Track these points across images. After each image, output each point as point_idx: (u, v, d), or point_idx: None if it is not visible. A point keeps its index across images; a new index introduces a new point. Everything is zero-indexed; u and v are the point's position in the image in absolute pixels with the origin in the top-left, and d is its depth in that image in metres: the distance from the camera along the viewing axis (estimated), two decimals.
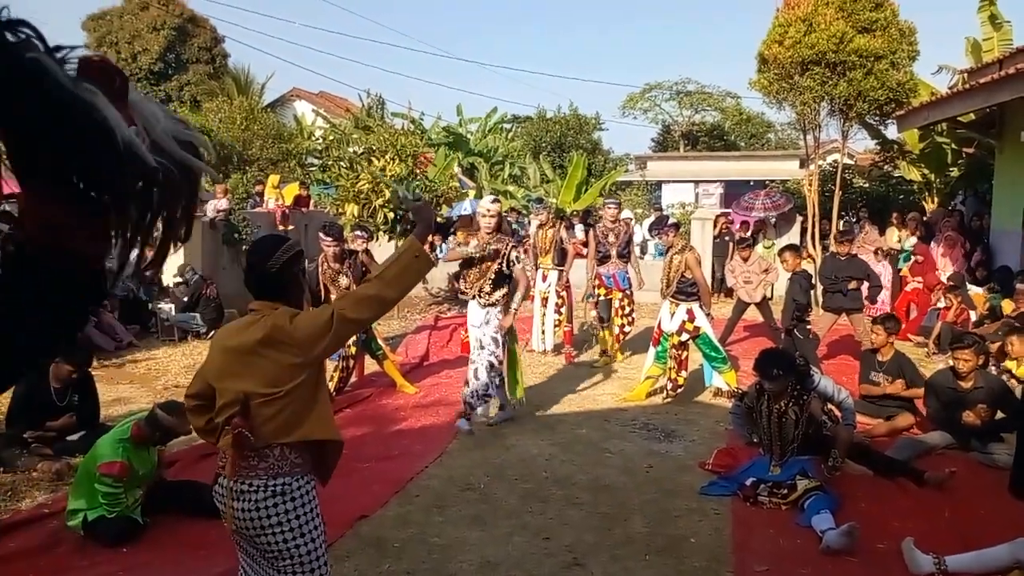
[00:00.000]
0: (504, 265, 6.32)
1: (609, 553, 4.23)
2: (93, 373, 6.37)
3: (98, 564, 4.09)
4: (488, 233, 6.34)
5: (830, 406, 5.42)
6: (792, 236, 14.37)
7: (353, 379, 7.76)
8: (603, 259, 8.95)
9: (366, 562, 4.11)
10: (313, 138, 22.89)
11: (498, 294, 6.36)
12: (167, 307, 10.35)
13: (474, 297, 6.39)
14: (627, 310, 8.95)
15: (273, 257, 2.62)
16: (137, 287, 10.75)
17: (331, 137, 18.48)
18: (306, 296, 3.57)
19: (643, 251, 13.94)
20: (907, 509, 4.80)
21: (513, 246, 6.45)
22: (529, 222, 13.39)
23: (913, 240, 11.83)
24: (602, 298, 8.98)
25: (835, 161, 16.49)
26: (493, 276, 6.32)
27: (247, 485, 2.52)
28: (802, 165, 21.29)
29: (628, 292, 8.91)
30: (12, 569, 4.00)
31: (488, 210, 6.40)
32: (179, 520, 4.56)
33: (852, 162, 21.67)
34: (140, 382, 7.88)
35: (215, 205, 12.50)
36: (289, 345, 2.49)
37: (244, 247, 11.52)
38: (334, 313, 2.51)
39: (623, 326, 9.05)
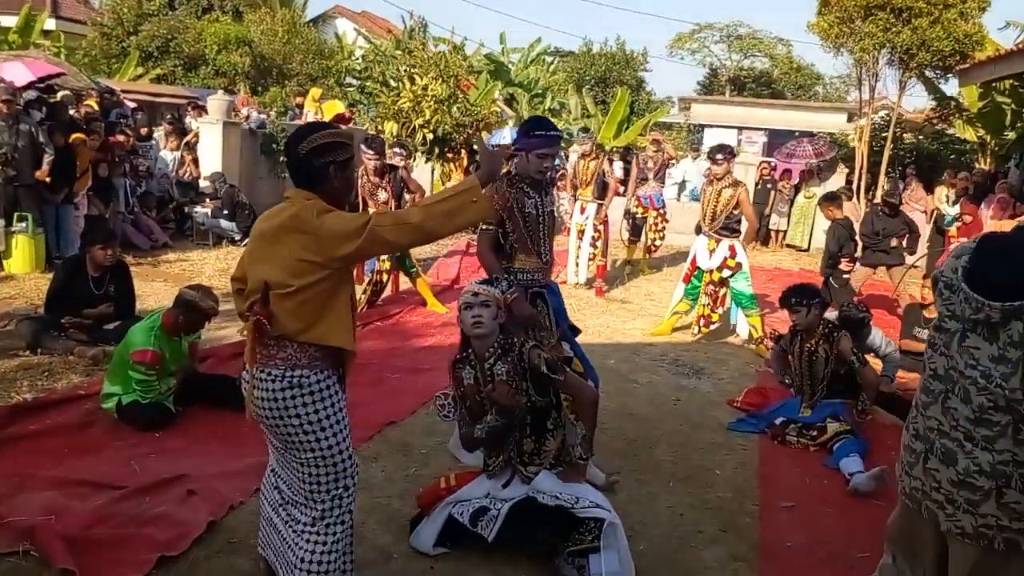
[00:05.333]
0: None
1: (634, 477, 4.23)
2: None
3: (131, 445, 4.16)
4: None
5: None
6: (834, 185, 13.92)
7: (386, 294, 7.78)
8: (642, 182, 10.22)
9: (393, 465, 4.15)
10: (353, 57, 22.60)
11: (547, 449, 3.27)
12: (203, 211, 10.37)
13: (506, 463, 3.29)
14: (659, 227, 10.26)
15: (304, 140, 2.55)
16: (172, 188, 10.79)
17: (372, 58, 18.18)
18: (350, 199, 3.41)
19: (680, 190, 13.65)
20: None
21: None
22: (567, 155, 13.17)
23: (956, 206, 11.48)
24: (638, 215, 10.19)
25: (887, 114, 15.99)
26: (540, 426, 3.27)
27: (265, 374, 2.52)
28: (850, 119, 20.71)
29: (662, 211, 10.20)
30: (48, 444, 4.09)
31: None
32: (210, 411, 4.62)
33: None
34: (174, 281, 7.94)
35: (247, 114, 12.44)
36: (307, 237, 2.42)
37: (281, 159, 11.49)
38: (369, 224, 2.42)
39: (654, 240, 10.41)
